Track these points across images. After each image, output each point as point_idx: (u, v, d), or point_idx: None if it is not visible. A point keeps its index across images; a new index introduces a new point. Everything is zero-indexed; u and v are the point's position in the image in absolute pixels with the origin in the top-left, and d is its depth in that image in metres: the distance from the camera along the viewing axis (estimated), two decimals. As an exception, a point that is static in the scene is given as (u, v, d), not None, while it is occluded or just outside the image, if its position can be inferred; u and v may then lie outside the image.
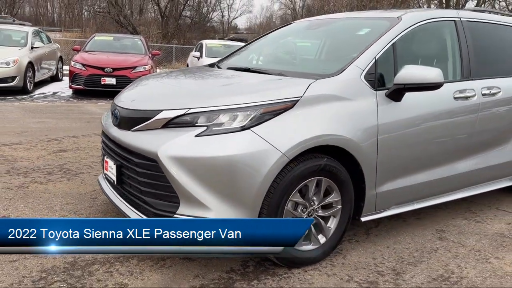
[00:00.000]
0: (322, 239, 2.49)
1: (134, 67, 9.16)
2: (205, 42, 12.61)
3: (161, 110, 2.27)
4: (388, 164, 2.63)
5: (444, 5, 24.03)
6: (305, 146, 2.23)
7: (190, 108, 2.22)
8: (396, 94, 2.59)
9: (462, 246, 2.84)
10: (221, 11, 52.87)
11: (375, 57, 2.60)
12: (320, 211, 2.46)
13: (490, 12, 3.59)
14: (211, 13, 50.26)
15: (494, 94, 3.16)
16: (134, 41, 11.02)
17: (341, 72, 2.51)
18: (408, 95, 2.65)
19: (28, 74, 9.03)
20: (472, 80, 3.06)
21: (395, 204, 2.81)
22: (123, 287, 2.15)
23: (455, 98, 2.91)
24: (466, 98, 2.98)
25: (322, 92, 2.39)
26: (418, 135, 2.73)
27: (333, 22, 3.51)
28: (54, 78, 11.54)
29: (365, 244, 2.80)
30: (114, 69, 8.97)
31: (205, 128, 2.17)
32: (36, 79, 9.71)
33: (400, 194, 2.80)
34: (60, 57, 12.02)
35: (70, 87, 9.30)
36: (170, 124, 2.24)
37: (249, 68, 3.01)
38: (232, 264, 2.43)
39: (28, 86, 9.04)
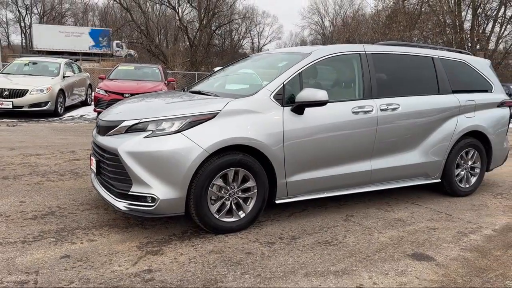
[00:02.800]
0: (242, 214, 3.42)
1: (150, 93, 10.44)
2: (217, 68, 13.88)
3: (123, 121, 3.32)
4: (294, 161, 3.55)
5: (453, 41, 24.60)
6: (222, 144, 3.19)
7: (142, 119, 3.25)
8: (298, 109, 3.54)
9: (359, 225, 3.68)
10: (251, 38, 55.20)
11: (283, 83, 3.57)
12: (240, 193, 3.40)
13: (400, 44, 4.48)
14: (242, 40, 52.68)
15: (394, 109, 4.03)
16: (152, 70, 12.39)
17: (255, 93, 3.49)
18: (310, 110, 3.59)
19: (59, 100, 10.52)
20: (372, 99, 3.95)
21: (305, 191, 3.71)
22: (93, 241, 3.15)
23: (354, 112, 3.81)
24: (365, 112, 3.87)
25: (238, 107, 3.37)
26: (318, 140, 3.64)
27: (268, 56, 4.53)
28: (84, 103, 13.10)
29: (283, 221, 3.69)
30: (132, 94, 10.27)
31: (151, 132, 3.19)
32: (67, 104, 11.21)
33: (309, 184, 3.69)
34: (90, 84, 13.60)
35: (94, 110, 10.67)
36: (129, 130, 3.28)
37: (200, 91, 4.06)
38: (175, 231, 3.40)
39: (59, 110, 10.52)
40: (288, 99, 3.58)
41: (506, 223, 3.83)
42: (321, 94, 3.44)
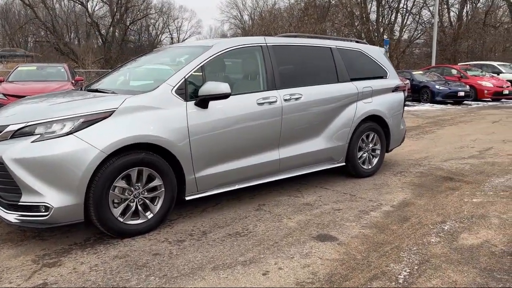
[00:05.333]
0: (149, 215, 3.31)
1: (55, 94, 9.70)
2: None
3: (8, 125, 3.03)
4: (202, 156, 3.51)
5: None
6: (121, 144, 3.04)
7: (28, 122, 2.99)
8: (202, 103, 3.50)
9: (270, 213, 3.76)
10: (170, 33, 53.78)
11: (184, 77, 3.50)
12: (146, 193, 3.28)
13: (300, 36, 4.64)
14: (160, 35, 51.10)
15: (297, 99, 4.15)
16: (57, 69, 11.53)
17: (155, 89, 3.38)
18: (216, 103, 3.57)
19: None
20: (276, 90, 4.04)
21: (216, 185, 3.69)
22: (-19, 260, 2.84)
23: (259, 104, 3.86)
24: (270, 103, 3.94)
25: (137, 104, 3.24)
26: (226, 133, 3.64)
27: (170, 50, 4.43)
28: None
29: (195, 218, 3.65)
30: (35, 97, 9.46)
31: (39, 135, 2.94)
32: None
33: (219, 178, 3.68)
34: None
35: (-8, 116, 9.66)
36: (15, 134, 2.99)
37: (97, 89, 3.84)
38: (77, 239, 3.19)
39: None
40: (191, 93, 3.53)
41: (403, 199, 4.16)
42: (224, 87, 3.43)
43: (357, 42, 5.24)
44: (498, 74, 17.72)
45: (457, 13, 31.94)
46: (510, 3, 29.90)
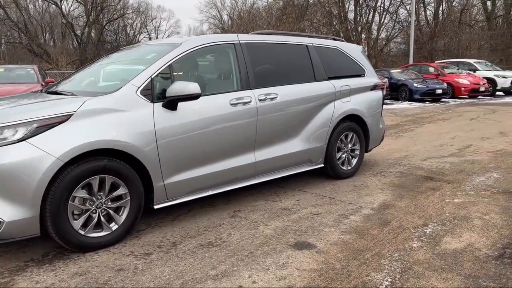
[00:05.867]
0: (114, 226, 3.06)
1: (23, 96, 9.27)
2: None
3: (-47, 133, 2.73)
4: (172, 161, 3.29)
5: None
6: (79, 150, 2.79)
7: (-25, 128, 2.71)
8: (171, 104, 3.27)
9: (245, 219, 3.56)
10: (148, 33, 52.92)
11: (151, 76, 3.27)
12: (110, 203, 3.04)
13: (275, 33, 4.46)
14: (138, 35, 50.22)
15: (272, 99, 3.97)
16: (26, 71, 11.05)
17: (117, 90, 3.14)
18: (185, 105, 3.35)
19: None
20: (250, 89, 3.84)
21: (188, 192, 3.47)
22: None
23: (232, 104, 3.66)
24: (244, 103, 3.74)
25: (97, 106, 2.99)
26: (197, 136, 3.42)
27: (138, 49, 4.19)
28: None
29: (165, 227, 3.42)
30: (1, 100, 9.02)
31: (-13, 143, 2.66)
32: None
33: (191, 184, 3.46)
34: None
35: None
36: (-37, 142, 2.71)
37: (57, 91, 3.57)
38: (35, 254, 2.92)
39: None
40: (159, 94, 3.30)
41: (383, 201, 4.02)
42: (193, 87, 3.22)
43: (334, 39, 5.10)
44: (474, 72, 17.98)
45: (433, 11, 32.44)
46: (484, 2, 30.53)
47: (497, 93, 17.88)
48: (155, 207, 3.29)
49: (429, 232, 3.25)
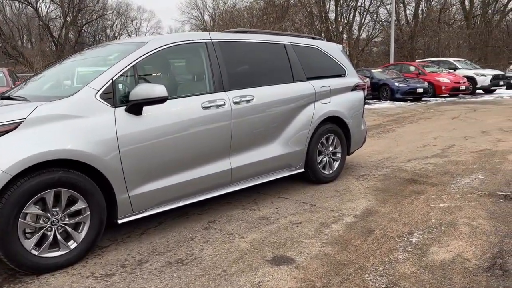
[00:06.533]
0: (72, 244, 2.77)
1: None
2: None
3: None
4: (137, 171, 3.01)
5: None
6: (29, 162, 2.50)
7: None
8: (134, 108, 2.99)
9: (220, 232, 3.30)
10: (129, 35, 52.03)
11: (112, 78, 2.98)
12: (67, 219, 2.75)
13: (250, 32, 4.21)
14: (118, 37, 49.30)
15: (248, 101, 3.72)
16: (-5, 74, 10.60)
17: (74, 94, 2.85)
18: (152, 109, 3.08)
19: None
20: (224, 91, 3.59)
21: (157, 204, 3.19)
22: None
23: (204, 108, 3.40)
24: (217, 107, 3.49)
25: (50, 112, 2.69)
26: (166, 142, 3.15)
27: (103, 49, 3.88)
28: None
29: (132, 243, 3.14)
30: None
31: None
32: None
33: (160, 195, 3.18)
34: None
35: None
36: None
37: (10, 96, 3.26)
38: (-18, 279, 2.61)
39: None
40: (121, 97, 3.02)
41: (366, 207, 3.82)
42: (159, 90, 2.95)
43: (313, 38, 4.88)
44: (455, 70, 18.10)
45: (413, 11, 32.74)
46: (462, 1, 30.96)
47: (477, 91, 18.04)
48: (119, 221, 3.01)
49: (415, 241, 3.05)
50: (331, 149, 4.62)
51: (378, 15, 31.90)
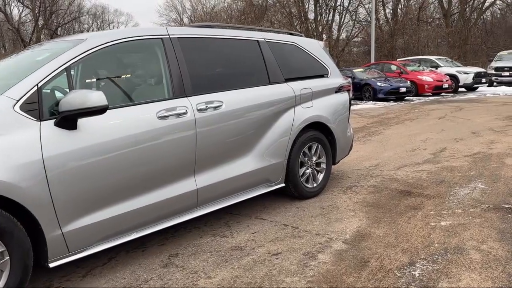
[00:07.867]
0: (-14, 300, 2.14)
1: None
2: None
3: None
4: (73, 199, 2.39)
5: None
6: None
7: None
8: (66, 122, 2.37)
9: (182, 269, 2.70)
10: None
11: (37, 84, 2.36)
12: (-23, 268, 2.11)
13: (217, 26, 3.62)
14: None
15: (216, 107, 3.14)
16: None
17: (-16, 106, 2.21)
18: (90, 121, 2.47)
19: None
20: (186, 97, 3.00)
21: (101, 239, 2.57)
22: None
23: (161, 118, 2.80)
24: (177, 116, 2.89)
25: (-51, 131, 2.06)
26: (110, 162, 2.54)
27: (36, 49, 3.22)
28: None
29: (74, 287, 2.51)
30: None
31: None
32: None
33: (105, 227, 2.57)
34: None
35: None
36: None
37: None
38: None
39: None
40: (50, 109, 2.40)
41: (357, 228, 3.27)
42: (96, 97, 2.34)
43: (290, 34, 4.33)
44: (436, 68, 17.88)
45: (392, 9, 32.66)
46: None
47: (460, 89, 17.85)
48: (51, 265, 2.38)
49: (418, 275, 2.51)
50: (314, 159, 4.06)
51: (357, 14, 31.72)
